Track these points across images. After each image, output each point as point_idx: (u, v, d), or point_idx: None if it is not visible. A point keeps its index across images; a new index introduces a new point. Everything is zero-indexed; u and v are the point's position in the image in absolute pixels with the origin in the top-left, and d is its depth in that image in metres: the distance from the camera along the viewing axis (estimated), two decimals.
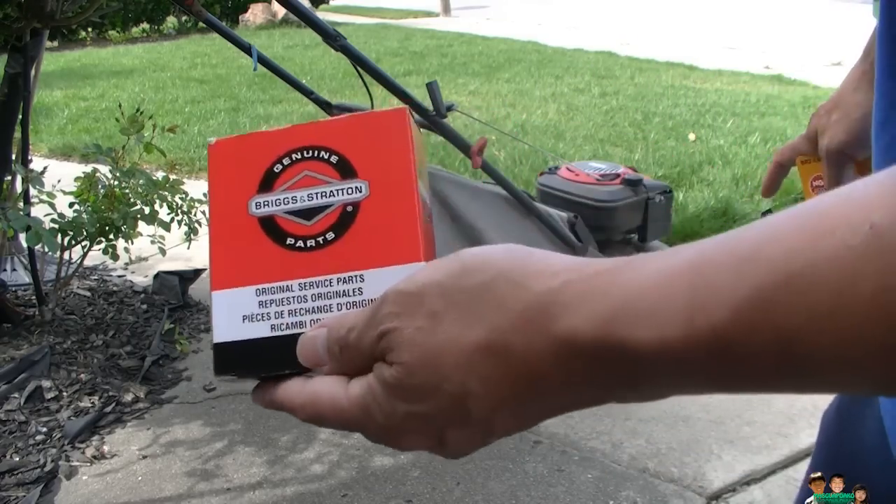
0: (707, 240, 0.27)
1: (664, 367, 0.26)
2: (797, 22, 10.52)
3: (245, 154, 0.42)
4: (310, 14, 1.60)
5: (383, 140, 0.40)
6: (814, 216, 0.24)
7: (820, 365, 0.24)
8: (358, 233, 0.39)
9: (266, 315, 0.40)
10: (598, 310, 0.27)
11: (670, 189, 2.41)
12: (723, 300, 0.24)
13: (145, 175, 2.21)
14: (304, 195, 0.40)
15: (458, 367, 0.29)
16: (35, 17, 2.04)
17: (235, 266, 0.41)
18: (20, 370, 2.02)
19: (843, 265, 0.23)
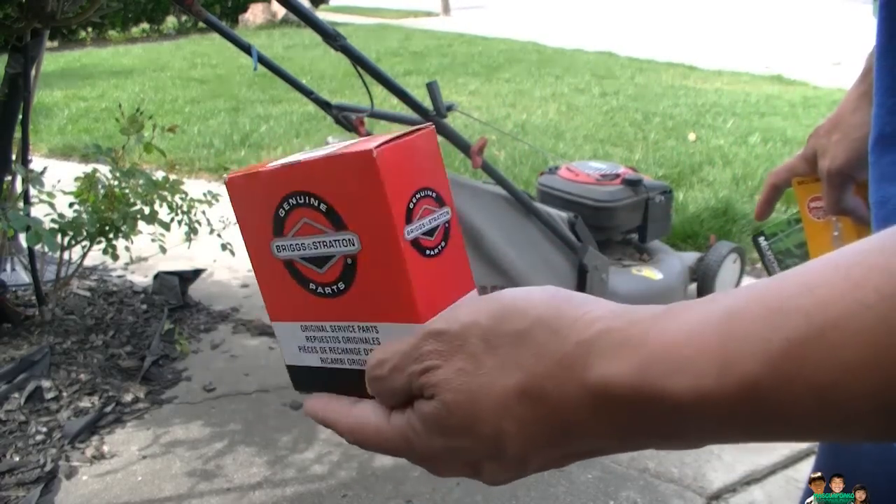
0: (742, 288, 0.27)
1: (699, 416, 0.26)
2: (797, 22, 10.52)
3: (254, 193, 0.40)
4: (310, 14, 1.60)
5: (359, 188, 0.36)
6: (844, 266, 0.24)
7: (860, 414, 0.24)
8: (362, 285, 0.38)
9: (313, 348, 0.42)
10: (633, 359, 0.27)
11: (670, 189, 2.41)
12: (755, 351, 0.24)
13: (145, 175, 2.21)
14: (309, 243, 0.39)
15: (495, 410, 0.30)
16: (35, 18, 2.03)
17: (280, 302, 0.42)
18: (20, 370, 2.02)
19: (876, 315, 0.22)
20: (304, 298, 0.41)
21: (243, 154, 4.29)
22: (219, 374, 2.16)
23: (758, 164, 3.83)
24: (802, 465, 1.75)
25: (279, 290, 0.42)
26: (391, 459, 1.77)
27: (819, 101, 5.41)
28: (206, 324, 2.46)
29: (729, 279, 2.53)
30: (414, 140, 0.37)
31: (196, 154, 4.32)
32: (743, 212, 3.15)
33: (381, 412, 0.36)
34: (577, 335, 0.29)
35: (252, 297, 2.66)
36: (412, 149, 0.37)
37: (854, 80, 0.70)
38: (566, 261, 2.10)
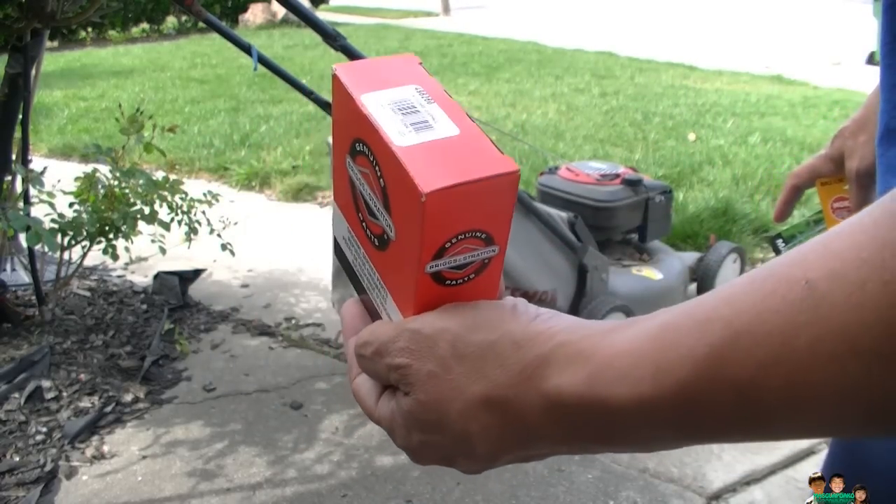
0: (677, 306, 0.30)
1: (640, 420, 0.29)
2: (797, 22, 10.52)
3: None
4: (310, 14, 1.60)
5: (407, 207, 0.36)
6: (759, 279, 0.27)
7: (774, 411, 0.26)
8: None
9: (350, 248, 0.44)
10: (582, 371, 0.30)
11: (670, 189, 2.41)
12: (684, 358, 0.27)
13: (145, 175, 2.21)
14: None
15: (463, 414, 0.33)
16: (35, 18, 2.03)
17: (341, 191, 0.43)
18: (20, 370, 2.02)
19: (783, 319, 0.25)
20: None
21: (243, 154, 4.29)
22: (219, 374, 2.16)
23: (758, 164, 3.83)
24: (802, 465, 1.75)
25: (343, 182, 0.43)
26: (391, 459, 1.77)
27: (819, 101, 5.41)
28: (206, 324, 2.46)
29: (729, 279, 2.53)
30: (490, 184, 0.35)
31: (196, 154, 4.32)
32: (743, 212, 3.15)
33: (373, 389, 0.39)
34: (537, 348, 0.32)
35: (252, 297, 2.66)
36: (481, 192, 0.35)
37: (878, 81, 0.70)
38: (566, 261, 2.10)
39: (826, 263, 0.25)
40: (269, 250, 3.05)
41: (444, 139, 0.37)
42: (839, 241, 0.26)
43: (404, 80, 0.40)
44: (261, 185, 3.92)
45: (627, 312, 2.13)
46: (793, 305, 0.25)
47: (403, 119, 0.37)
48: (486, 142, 0.37)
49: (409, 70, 0.42)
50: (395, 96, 0.39)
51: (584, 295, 2.12)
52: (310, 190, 3.78)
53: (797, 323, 0.25)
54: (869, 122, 0.70)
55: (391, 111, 0.38)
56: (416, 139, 0.36)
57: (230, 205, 3.38)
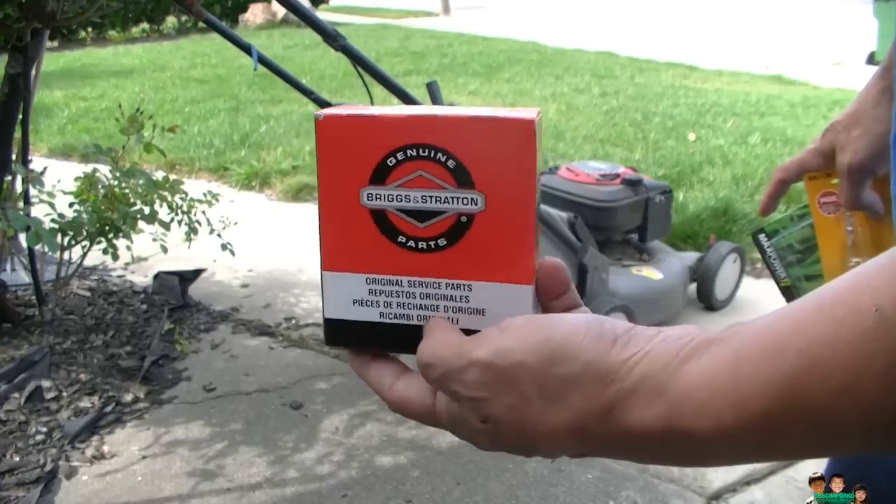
0: (746, 327, 0.31)
1: (720, 448, 0.31)
2: (797, 22, 10.52)
3: (356, 136, 0.39)
4: (310, 14, 1.60)
5: (506, 153, 0.37)
6: (830, 305, 0.28)
7: (848, 435, 0.28)
8: (470, 243, 0.38)
9: (376, 302, 0.41)
10: (663, 405, 0.31)
11: (670, 189, 2.41)
12: (761, 390, 0.29)
13: (145, 175, 2.21)
14: (417, 195, 0.38)
15: (544, 440, 0.35)
16: (35, 18, 2.03)
17: (347, 252, 0.41)
18: (20, 370, 2.02)
19: (855, 349, 0.26)
20: (385, 250, 0.40)
21: (243, 154, 4.29)
22: (219, 374, 2.16)
23: (758, 164, 3.83)
24: (802, 466, 1.75)
25: (351, 239, 0.40)
26: (391, 459, 1.77)
27: (819, 101, 5.41)
28: (206, 324, 2.46)
29: (729, 279, 2.53)
30: (539, 118, 0.38)
31: (196, 154, 4.32)
32: (743, 212, 3.15)
33: (427, 391, 0.39)
34: (619, 382, 0.33)
35: (252, 296, 2.66)
36: (539, 127, 0.39)
37: (873, 76, 0.70)
38: (566, 261, 2.10)
39: (895, 289, 0.26)
40: (269, 250, 3.05)
41: (481, 107, 0.39)
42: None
43: (373, 109, 0.41)
44: (261, 185, 3.92)
45: (627, 312, 2.13)
46: (864, 335, 0.26)
47: (439, 109, 0.39)
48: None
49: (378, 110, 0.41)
50: (392, 107, 0.40)
51: (584, 295, 2.12)
52: (310, 190, 3.78)
53: (869, 352, 0.26)
54: (863, 117, 0.69)
55: (422, 110, 0.39)
56: (467, 110, 0.38)
57: (230, 205, 3.38)
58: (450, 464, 1.74)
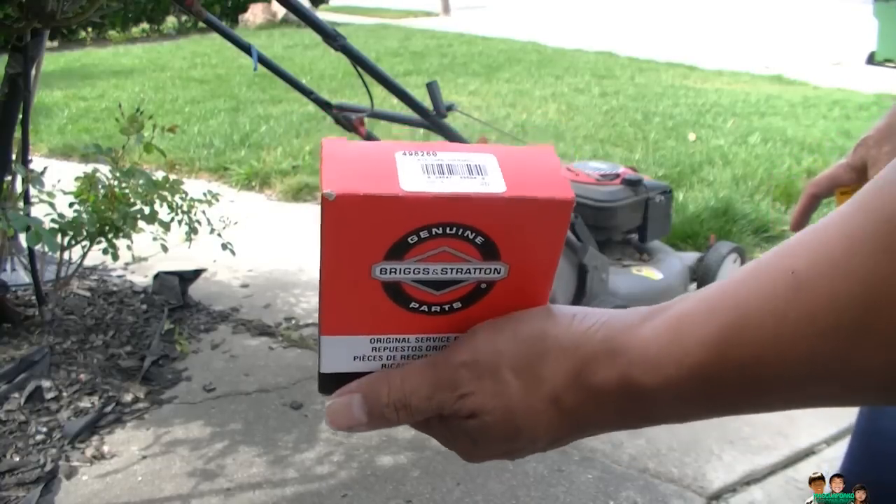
0: (691, 295, 0.35)
1: (670, 401, 0.34)
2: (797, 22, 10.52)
3: (374, 217, 0.34)
4: (310, 14, 1.60)
5: (540, 230, 0.36)
6: (756, 269, 0.32)
7: (772, 386, 0.31)
8: (487, 305, 0.38)
9: (378, 357, 0.40)
10: (620, 366, 0.35)
11: (670, 189, 2.41)
12: (699, 345, 0.32)
13: (145, 175, 2.21)
14: (437, 268, 0.36)
15: (530, 418, 0.38)
16: (35, 18, 2.03)
17: (351, 318, 0.39)
18: (20, 370, 2.02)
19: (774, 306, 0.30)
20: (394, 315, 0.38)
21: (243, 154, 4.29)
22: (219, 374, 2.16)
23: (758, 164, 3.82)
24: (802, 465, 1.75)
25: (357, 307, 0.38)
26: (391, 459, 1.77)
27: (819, 101, 5.41)
28: (206, 324, 2.46)
29: None
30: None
31: (196, 154, 4.32)
32: (743, 212, 3.15)
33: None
34: (582, 349, 0.36)
35: (252, 296, 2.66)
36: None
37: None
38: (566, 261, 2.10)
39: (809, 254, 0.29)
40: (269, 250, 3.05)
41: (494, 165, 0.36)
42: (822, 233, 0.29)
43: (383, 153, 0.36)
44: (261, 185, 3.92)
45: None
46: (783, 294, 0.29)
47: (447, 175, 0.35)
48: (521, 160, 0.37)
49: (368, 147, 0.37)
50: (409, 167, 0.35)
51: (584, 295, 2.12)
52: (310, 190, 3.78)
53: (784, 309, 0.29)
54: (894, 133, 0.69)
55: (433, 177, 0.35)
56: (500, 175, 0.36)
57: (230, 205, 3.38)
58: (450, 464, 1.74)
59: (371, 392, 0.39)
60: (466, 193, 0.34)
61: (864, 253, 0.27)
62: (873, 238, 0.27)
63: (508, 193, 0.34)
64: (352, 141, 0.37)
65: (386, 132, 4.40)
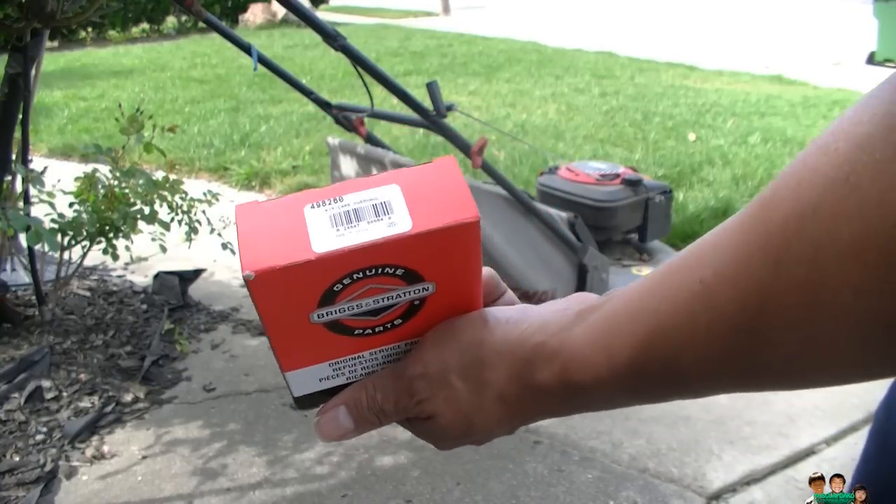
0: (619, 293, 0.37)
1: (605, 394, 0.38)
2: (797, 22, 10.52)
3: (296, 281, 0.36)
4: (310, 14, 1.60)
5: (454, 250, 0.38)
6: (670, 273, 0.34)
7: (690, 379, 0.35)
8: (425, 316, 0.41)
9: (342, 374, 0.44)
10: (556, 366, 0.38)
11: (670, 189, 2.41)
12: (625, 345, 0.35)
13: (145, 175, 2.21)
14: (369, 301, 0.39)
15: (480, 416, 0.42)
16: (35, 18, 2.03)
17: (303, 354, 0.42)
18: (20, 370, 2.02)
19: (690, 310, 0.33)
20: (342, 343, 0.41)
21: (243, 154, 4.29)
22: (219, 374, 2.16)
23: (758, 164, 3.82)
24: (802, 465, 1.75)
25: (306, 346, 0.41)
26: (391, 459, 1.77)
27: (819, 101, 5.41)
28: (206, 324, 2.46)
29: None
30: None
31: (196, 154, 4.32)
32: None
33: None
34: (518, 352, 0.40)
35: None
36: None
37: None
38: (566, 261, 2.10)
39: (713, 265, 0.32)
40: None
41: (394, 199, 0.37)
42: (724, 241, 0.32)
43: (292, 210, 0.38)
44: (261, 185, 3.92)
45: None
46: (692, 300, 0.32)
47: (354, 223, 0.37)
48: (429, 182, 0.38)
49: (278, 207, 0.38)
50: (318, 222, 0.37)
51: None
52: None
53: (696, 312, 0.32)
54: None
55: (342, 228, 0.37)
56: (405, 205, 0.37)
57: (230, 205, 3.38)
58: (450, 464, 1.74)
59: (352, 402, 0.44)
60: (375, 241, 0.36)
61: (754, 265, 0.30)
62: (761, 251, 0.29)
63: (415, 230, 0.36)
64: (261, 203, 0.39)
65: (386, 132, 4.40)
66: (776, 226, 0.29)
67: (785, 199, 0.29)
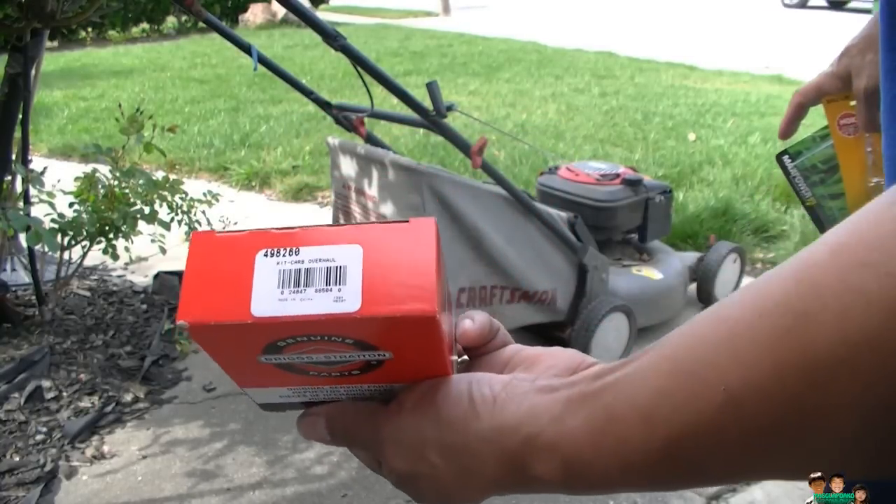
0: (616, 384, 0.34)
1: (615, 488, 0.36)
2: (797, 22, 10.52)
3: (232, 337, 0.34)
4: (310, 14, 1.59)
5: (406, 336, 0.34)
6: (687, 380, 0.31)
7: (720, 477, 0.33)
8: (386, 372, 0.38)
9: (303, 395, 0.41)
10: (555, 461, 0.35)
11: (670, 189, 2.41)
12: (638, 451, 0.33)
13: (145, 175, 2.21)
14: (320, 356, 0.36)
15: (463, 494, 0.39)
16: (35, 17, 2.04)
17: (258, 379, 0.39)
18: (20, 370, 2.02)
19: (715, 422, 0.30)
20: (297, 378, 0.38)
21: (243, 154, 4.29)
22: (219, 373, 2.16)
23: (758, 164, 3.82)
24: None
25: (260, 376, 0.38)
26: None
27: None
28: None
29: (729, 279, 2.53)
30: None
31: (196, 154, 4.32)
32: (743, 212, 3.15)
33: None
34: (508, 444, 0.36)
35: None
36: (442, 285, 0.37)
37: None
38: (566, 261, 2.10)
39: (738, 371, 0.29)
40: None
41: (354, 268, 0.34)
42: (744, 342, 0.29)
43: (243, 255, 0.35)
44: (261, 185, 3.92)
45: (627, 312, 2.13)
46: (719, 412, 0.30)
47: (301, 289, 0.34)
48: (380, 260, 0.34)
49: (232, 246, 0.35)
50: (265, 277, 0.34)
51: (584, 295, 2.12)
52: (310, 190, 3.78)
53: (724, 426, 0.30)
54: (876, 40, 0.69)
55: (287, 291, 0.34)
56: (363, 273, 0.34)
57: (230, 205, 3.38)
58: None
59: (331, 420, 0.42)
60: (316, 315, 0.33)
61: (791, 383, 0.27)
62: (800, 372, 0.27)
63: (361, 312, 0.33)
64: (217, 236, 0.36)
65: (386, 132, 4.40)
66: (821, 351, 0.26)
67: (827, 324, 0.26)
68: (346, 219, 2.10)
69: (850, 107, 0.77)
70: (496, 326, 0.44)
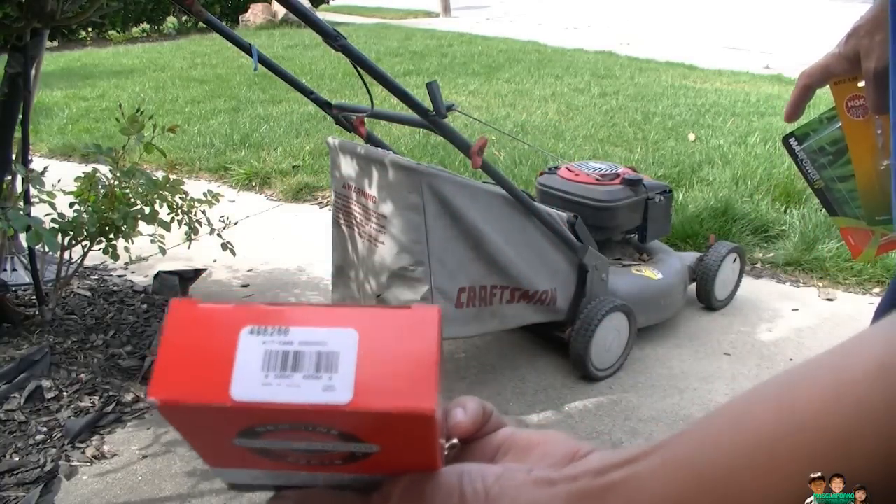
0: (638, 482, 0.32)
1: None
2: (797, 22, 10.53)
3: (207, 418, 0.32)
4: (310, 14, 1.59)
5: (398, 433, 0.32)
6: (710, 483, 0.30)
7: None
8: (369, 464, 0.35)
9: (275, 480, 0.38)
10: None
11: (670, 189, 2.41)
12: None
13: (145, 175, 2.21)
14: (300, 444, 0.33)
15: None
16: (35, 17, 2.04)
17: (230, 460, 0.36)
18: (20, 370, 2.02)
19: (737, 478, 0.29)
20: (272, 463, 0.36)
21: (243, 154, 4.29)
22: None
23: (757, 164, 3.82)
24: None
25: (232, 457, 0.35)
26: None
27: (819, 102, 5.38)
28: None
29: (729, 279, 2.53)
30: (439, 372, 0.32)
31: (196, 154, 4.32)
32: (743, 212, 3.15)
33: None
34: None
35: (252, 296, 2.66)
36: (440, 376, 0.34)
37: None
38: (566, 261, 2.10)
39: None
40: (269, 250, 3.05)
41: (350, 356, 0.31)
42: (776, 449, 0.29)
43: (226, 331, 0.32)
44: (261, 185, 3.92)
45: (627, 312, 2.13)
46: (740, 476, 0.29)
47: (288, 374, 0.31)
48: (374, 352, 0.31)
49: (213, 319, 0.32)
50: (249, 358, 0.31)
51: (584, 295, 2.12)
52: (310, 190, 3.78)
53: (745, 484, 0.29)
54: (885, 21, 0.66)
55: (271, 375, 0.31)
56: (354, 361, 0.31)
57: (230, 205, 3.39)
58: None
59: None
60: (302, 405, 0.30)
61: (794, 477, 0.28)
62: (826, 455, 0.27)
63: (352, 405, 0.30)
64: (200, 306, 0.33)
65: (386, 132, 4.40)
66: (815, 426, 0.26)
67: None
68: (346, 218, 2.10)
69: (858, 88, 0.76)
70: (489, 411, 0.42)
